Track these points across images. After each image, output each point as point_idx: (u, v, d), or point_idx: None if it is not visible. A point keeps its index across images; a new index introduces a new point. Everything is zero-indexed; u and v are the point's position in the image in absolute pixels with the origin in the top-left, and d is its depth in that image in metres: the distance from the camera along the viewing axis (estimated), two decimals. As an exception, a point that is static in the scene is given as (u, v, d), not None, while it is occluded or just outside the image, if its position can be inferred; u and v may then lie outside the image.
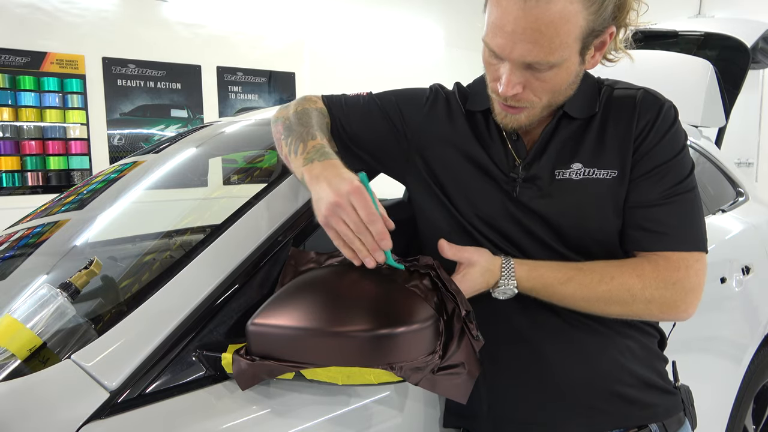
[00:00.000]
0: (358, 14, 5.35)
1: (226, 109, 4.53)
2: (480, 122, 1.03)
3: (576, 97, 0.97)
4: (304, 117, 1.03)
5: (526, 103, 0.91)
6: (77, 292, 0.94)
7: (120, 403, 0.80)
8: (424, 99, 1.09)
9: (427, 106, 1.08)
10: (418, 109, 1.08)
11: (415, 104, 1.09)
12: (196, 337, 0.88)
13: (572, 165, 0.95)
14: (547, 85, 0.89)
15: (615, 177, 0.94)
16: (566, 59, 0.86)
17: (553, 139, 0.98)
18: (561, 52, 0.84)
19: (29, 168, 3.75)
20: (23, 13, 3.64)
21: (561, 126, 0.98)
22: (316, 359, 0.81)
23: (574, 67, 0.90)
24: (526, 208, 0.97)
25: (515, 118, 0.94)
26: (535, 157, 0.98)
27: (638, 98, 0.97)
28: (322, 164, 0.89)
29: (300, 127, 1.00)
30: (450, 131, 1.05)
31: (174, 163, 1.58)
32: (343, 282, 0.88)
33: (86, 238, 1.38)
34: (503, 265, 0.92)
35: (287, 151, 0.99)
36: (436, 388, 0.83)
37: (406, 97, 1.11)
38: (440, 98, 1.09)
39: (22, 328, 0.86)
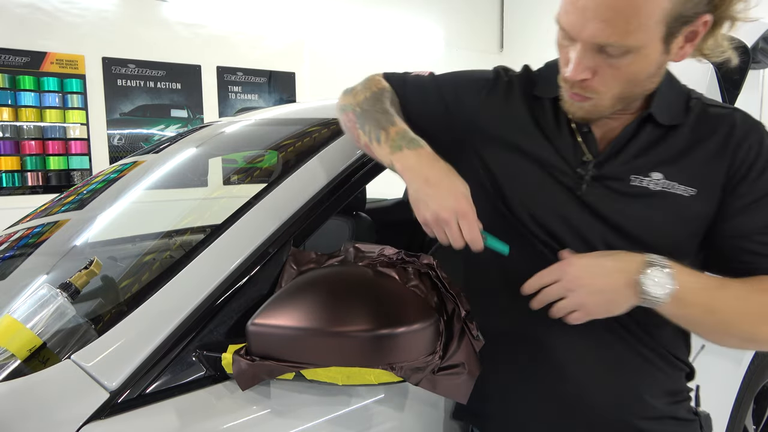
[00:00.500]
0: (358, 14, 5.35)
1: (226, 109, 4.53)
2: (547, 110, 0.94)
3: (664, 101, 0.88)
4: (377, 102, 0.99)
5: (593, 94, 0.83)
6: (77, 292, 0.94)
7: (120, 403, 0.80)
8: (483, 83, 1.01)
9: (485, 91, 1.00)
10: (475, 94, 1.01)
11: (473, 88, 1.01)
12: (196, 337, 0.88)
13: (651, 174, 0.87)
14: (621, 74, 0.80)
15: (693, 196, 0.86)
16: (645, 45, 0.76)
17: (633, 140, 0.89)
18: (639, 35, 0.75)
19: (29, 168, 3.74)
20: (23, 13, 3.64)
21: (644, 129, 0.89)
22: (316, 359, 0.81)
23: (655, 55, 0.79)
24: (592, 210, 0.89)
25: (580, 105, 0.86)
26: (611, 155, 0.89)
27: (737, 120, 0.88)
28: (415, 154, 0.88)
29: (376, 113, 0.96)
30: (508, 118, 0.97)
31: (174, 163, 1.58)
32: (343, 282, 0.88)
33: (86, 238, 1.38)
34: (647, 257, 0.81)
35: (367, 139, 0.96)
36: (436, 388, 0.83)
37: (465, 80, 1.04)
38: (501, 82, 1.01)
39: (22, 328, 0.86)
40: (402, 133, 0.91)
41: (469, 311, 0.85)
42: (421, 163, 0.86)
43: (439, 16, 5.96)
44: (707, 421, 1.03)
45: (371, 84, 1.05)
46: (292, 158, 1.20)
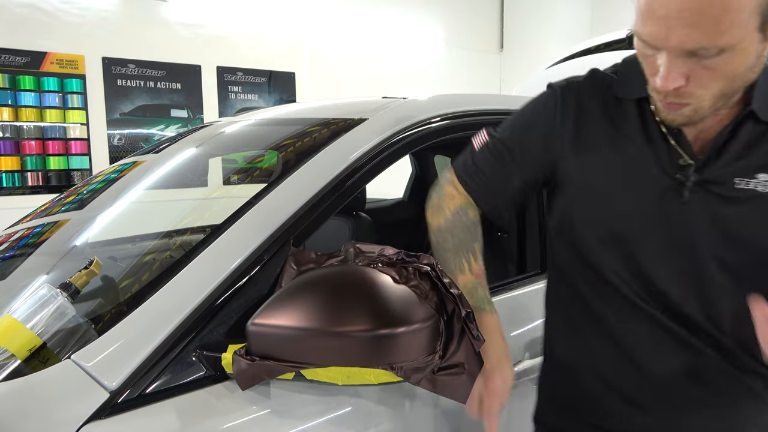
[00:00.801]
0: (358, 14, 5.35)
1: (226, 109, 4.53)
2: (630, 114, 0.87)
3: (763, 94, 0.81)
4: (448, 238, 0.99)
5: (691, 99, 0.76)
6: (77, 292, 0.94)
7: (120, 403, 0.80)
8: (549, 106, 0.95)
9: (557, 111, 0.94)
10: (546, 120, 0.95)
11: (539, 118, 0.96)
12: (196, 337, 0.88)
13: (758, 175, 0.80)
14: (718, 74, 0.73)
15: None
16: (740, 40, 0.69)
17: (732, 140, 0.82)
18: (732, 32, 0.68)
19: (29, 168, 3.74)
20: (23, 13, 3.64)
21: (743, 127, 0.82)
22: (316, 359, 0.81)
23: (753, 47, 0.72)
24: (697, 219, 0.82)
25: (680, 113, 0.78)
26: (711, 157, 0.82)
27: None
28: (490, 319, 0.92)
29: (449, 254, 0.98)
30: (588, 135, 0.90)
31: (174, 163, 1.58)
32: (343, 282, 0.88)
33: (86, 238, 1.38)
34: None
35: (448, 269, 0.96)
36: (436, 388, 0.83)
37: (524, 122, 0.99)
38: (569, 95, 0.94)
39: (22, 328, 0.86)
40: (468, 291, 0.93)
41: (470, 311, 0.85)
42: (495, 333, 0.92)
43: (439, 16, 5.96)
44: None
45: (445, 203, 1.02)
46: (292, 158, 1.20)
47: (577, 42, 3.24)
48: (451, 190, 1.03)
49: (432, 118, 1.27)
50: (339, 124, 1.26)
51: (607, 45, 2.88)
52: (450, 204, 1.01)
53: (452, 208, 1.01)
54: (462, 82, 5.98)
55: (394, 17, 5.62)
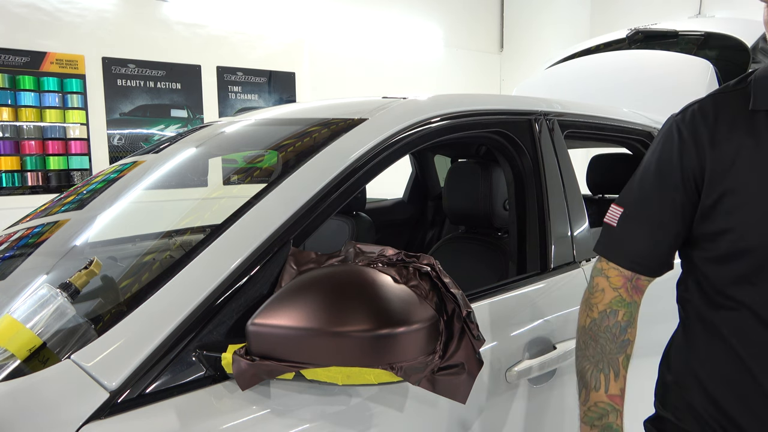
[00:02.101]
0: (358, 14, 5.35)
1: (226, 109, 4.53)
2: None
3: None
4: (590, 344, 0.91)
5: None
6: (77, 292, 0.94)
7: (120, 403, 0.80)
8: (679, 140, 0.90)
9: (689, 141, 0.89)
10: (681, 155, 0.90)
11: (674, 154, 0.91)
12: (196, 337, 0.88)
13: None
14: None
15: None
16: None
17: None
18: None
19: (29, 168, 3.74)
20: (23, 13, 3.64)
21: None
22: (316, 359, 0.81)
23: None
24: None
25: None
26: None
27: None
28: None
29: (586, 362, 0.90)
30: (731, 148, 0.85)
31: (174, 163, 1.58)
32: (343, 282, 0.88)
33: (86, 238, 1.38)
34: None
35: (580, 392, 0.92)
36: (436, 388, 0.83)
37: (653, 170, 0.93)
38: (688, 126, 0.90)
39: (22, 328, 0.86)
40: (599, 413, 0.86)
41: (471, 311, 0.85)
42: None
43: (439, 16, 5.96)
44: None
45: (596, 299, 0.94)
46: (292, 158, 1.20)
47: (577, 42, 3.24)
48: (602, 281, 0.95)
49: (432, 118, 1.27)
50: (339, 124, 1.26)
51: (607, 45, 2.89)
52: (599, 301, 0.93)
53: (601, 308, 0.93)
54: (462, 82, 5.98)
55: (394, 17, 5.62)
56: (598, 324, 0.92)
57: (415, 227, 2.71)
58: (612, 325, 0.92)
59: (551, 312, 1.34)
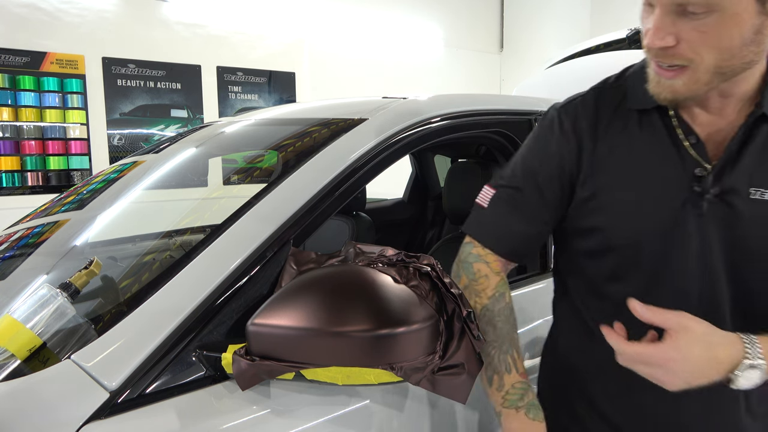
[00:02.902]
0: (358, 14, 5.35)
1: (226, 109, 4.53)
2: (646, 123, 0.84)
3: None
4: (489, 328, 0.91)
5: (682, 61, 0.72)
6: (77, 292, 0.94)
7: (120, 403, 0.80)
8: (554, 132, 0.92)
9: (563, 135, 0.90)
10: (554, 148, 0.91)
11: (548, 148, 0.92)
12: (196, 337, 0.88)
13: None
14: (710, 38, 0.70)
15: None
16: (732, 1, 0.67)
17: (747, 145, 0.78)
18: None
19: (29, 168, 3.74)
20: (23, 13, 3.64)
21: (758, 130, 0.78)
22: (316, 359, 0.81)
23: (748, 16, 0.69)
24: (716, 231, 0.78)
25: (669, 84, 0.75)
26: (726, 164, 0.78)
27: None
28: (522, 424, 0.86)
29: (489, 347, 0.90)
30: (602, 144, 0.87)
31: (174, 163, 1.58)
32: (343, 282, 0.88)
33: (86, 238, 1.38)
34: (743, 338, 0.71)
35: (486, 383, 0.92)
36: (436, 388, 0.83)
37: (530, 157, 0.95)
38: (572, 114, 0.91)
39: (22, 328, 0.86)
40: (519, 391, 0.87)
41: (471, 311, 0.85)
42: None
43: (439, 16, 5.96)
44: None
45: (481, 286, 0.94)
46: (292, 158, 1.20)
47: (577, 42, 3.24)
48: (483, 268, 0.95)
49: (432, 118, 1.27)
50: (339, 124, 1.26)
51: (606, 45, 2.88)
52: (485, 287, 0.94)
53: (489, 293, 0.93)
54: (462, 82, 5.99)
55: (394, 17, 5.62)
56: (492, 309, 0.92)
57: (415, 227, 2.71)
58: (503, 307, 0.93)
59: (551, 312, 1.34)
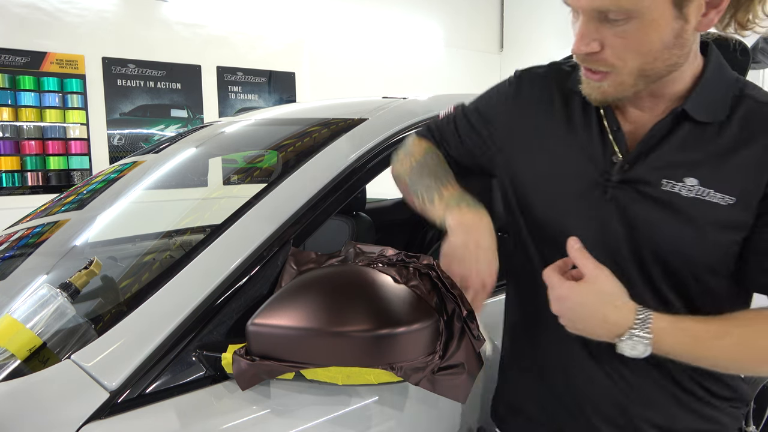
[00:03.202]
0: (358, 14, 5.35)
1: (226, 109, 4.53)
2: (577, 106, 0.89)
3: (704, 94, 0.80)
4: (425, 168, 0.99)
5: (607, 67, 0.77)
6: (77, 292, 0.94)
7: (120, 403, 0.80)
8: (506, 90, 0.99)
9: (510, 97, 0.97)
10: (499, 105, 0.98)
11: (495, 101, 1.00)
12: (196, 337, 0.88)
13: (685, 179, 0.79)
14: (631, 44, 0.74)
15: (731, 205, 0.77)
16: (649, 7, 0.71)
17: (666, 139, 0.81)
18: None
19: (29, 168, 3.74)
20: (23, 13, 3.64)
21: (680, 126, 0.81)
22: (316, 359, 0.81)
23: (667, 21, 0.72)
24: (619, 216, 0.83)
25: (598, 86, 0.79)
26: (640, 155, 0.82)
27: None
28: (475, 215, 0.88)
29: (427, 178, 0.97)
30: (536, 119, 0.92)
31: (174, 163, 1.58)
32: (343, 282, 0.88)
33: (86, 238, 1.38)
34: (638, 310, 0.75)
35: (420, 201, 0.97)
36: (435, 388, 0.83)
37: (488, 97, 1.02)
38: (525, 83, 0.97)
39: (22, 328, 0.86)
40: (458, 195, 0.92)
41: (471, 311, 0.85)
42: (476, 224, 0.87)
43: (439, 16, 5.96)
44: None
45: (414, 149, 1.05)
46: (292, 158, 1.20)
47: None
48: (417, 140, 1.07)
49: (432, 118, 1.27)
50: (339, 124, 1.26)
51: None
52: (418, 149, 1.04)
53: (422, 152, 1.03)
54: (462, 82, 5.98)
55: (394, 17, 5.62)
56: (424, 160, 1.01)
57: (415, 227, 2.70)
58: (437, 158, 1.02)
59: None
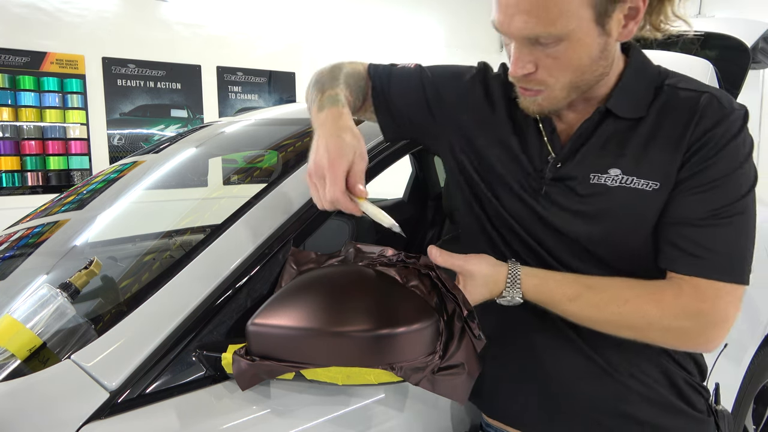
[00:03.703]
0: (357, 14, 5.35)
1: (226, 109, 4.53)
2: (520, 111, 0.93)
3: (626, 92, 0.86)
4: (336, 71, 1.00)
5: (541, 85, 0.82)
6: (77, 292, 0.94)
7: (120, 403, 0.80)
8: (465, 76, 1.02)
9: (466, 84, 1.01)
10: (455, 85, 1.02)
11: (453, 80, 1.03)
12: (196, 337, 0.88)
13: (609, 170, 0.84)
14: (562, 63, 0.79)
15: (656, 190, 0.82)
16: (575, 30, 0.76)
17: (592, 137, 0.87)
18: (564, 21, 0.75)
19: (29, 168, 3.74)
20: (23, 13, 3.64)
21: (604, 124, 0.87)
22: (316, 359, 0.81)
23: (592, 39, 0.78)
24: (553, 204, 0.89)
25: (534, 101, 0.85)
26: (570, 154, 0.88)
27: (702, 103, 0.82)
28: (329, 111, 0.88)
29: (325, 79, 0.98)
30: (487, 115, 0.97)
31: (174, 163, 1.58)
32: (343, 282, 0.88)
33: (86, 238, 1.38)
34: (509, 274, 0.86)
35: (309, 104, 0.97)
36: (435, 388, 0.83)
37: (448, 72, 1.04)
38: (482, 78, 1.01)
39: (22, 328, 0.86)
40: (332, 96, 0.91)
41: (471, 311, 0.85)
42: (327, 119, 0.87)
43: (439, 16, 5.96)
44: (726, 419, 1.01)
45: (346, 63, 1.05)
46: (292, 158, 1.20)
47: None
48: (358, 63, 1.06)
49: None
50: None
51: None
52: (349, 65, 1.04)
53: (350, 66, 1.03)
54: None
55: (394, 17, 5.62)
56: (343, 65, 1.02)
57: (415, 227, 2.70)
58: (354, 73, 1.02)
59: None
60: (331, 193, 0.80)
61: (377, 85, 1.04)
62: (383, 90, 1.04)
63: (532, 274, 0.86)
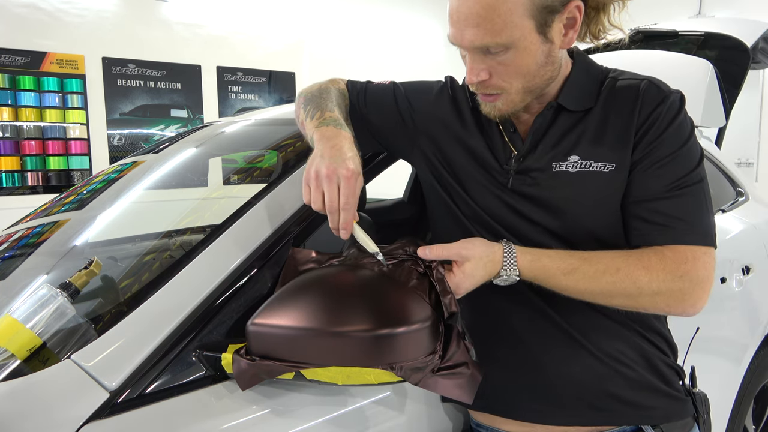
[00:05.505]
0: (358, 14, 5.35)
1: (226, 109, 4.53)
2: (484, 115, 1.01)
3: (572, 89, 0.96)
4: (326, 93, 1.07)
5: (497, 90, 0.91)
6: (77, 292, 0.94)
7: (120, 403, 0.80)
8: (434, 89, 1.11)
9: (435, 95, 1.09)
10: (425, 97, 1.10)
11: (423, 93, 1.11)
12: (196, 337, 0.88)
13: (569, 158, 0.93)
14: (512, 69, 0.89)
15: (612, 170, 0.91)
16: (519, 39, 0.85)
17: (549, 131, 0.96)
18: (508, 32, 0.84)
19: (29, 168, 3.75)
20: (23, 13, 3.64)
21: (558, 118, 0.96)
22: (316, 359, 0.81)
23: (536, 46, 0.87)
24: (520, 195, 0.96)
25: (494, 106, 0.94)
26: (530, 149, 0.97)
27: (642, 89, 0.93)
28: (336, 131, 0.93)
29: (320, 100, 1.04)
30: (454, 121, 1.05)
31: (174, 163, 1.58)
32: (343, 282, 0.88)
33: (86, 238, 1.38)
34: (505, 253, 0.89)
35: (304, 116, 1.03)
36: (436, 388, 0.83)
37: (418, 86, 1.13)
38: (449, 89, 1.10)
39: (22, 328, 0.86)
40: (335, 118, 0.98)
41: (455, 312, 0.85)
42: (336, 137, 0.92)
43: (439, 16, 5.96)
44: (704, 401, 1.06)
45: (330, 82, 1.13)
46: (292, 158, 1.20)
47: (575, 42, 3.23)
48: (339, 80, 1.15)
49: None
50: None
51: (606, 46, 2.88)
52: (332, 83, 1.12)
53: (333, 86, 1.11)
54: (462, 82, 5.98)
55: (394, 17, 5.62)
56: (332, 88, 1.09)
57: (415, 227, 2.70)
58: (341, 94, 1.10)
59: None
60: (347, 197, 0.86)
61: (354, 101, 1.12)
62: (360, 106, 1.11)
63: (526, 251, 0.90)
